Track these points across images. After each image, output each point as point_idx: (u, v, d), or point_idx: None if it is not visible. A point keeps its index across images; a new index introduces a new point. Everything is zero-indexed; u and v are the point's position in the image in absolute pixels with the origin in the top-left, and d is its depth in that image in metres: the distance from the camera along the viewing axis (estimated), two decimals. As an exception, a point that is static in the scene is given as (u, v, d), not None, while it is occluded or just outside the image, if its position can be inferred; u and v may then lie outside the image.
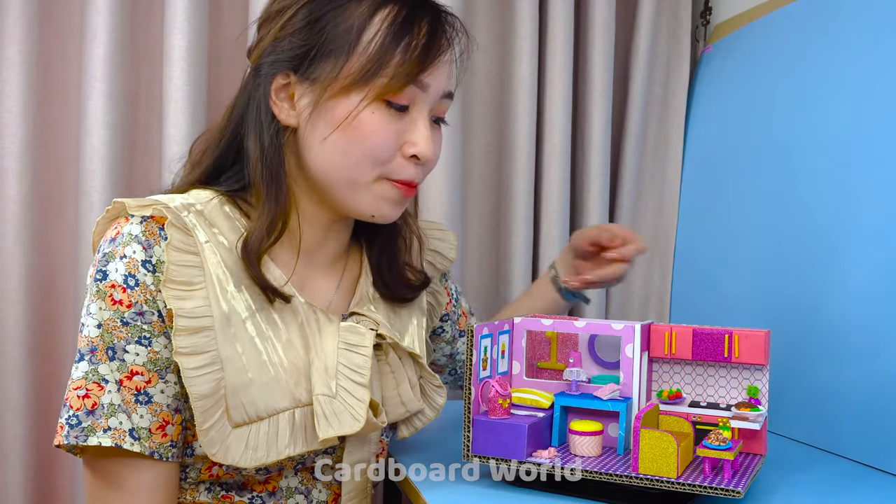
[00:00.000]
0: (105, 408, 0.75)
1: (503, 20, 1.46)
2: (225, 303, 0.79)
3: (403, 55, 0.80)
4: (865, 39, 1.05)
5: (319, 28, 0.81)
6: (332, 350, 0.83)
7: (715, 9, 1.51)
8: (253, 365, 0.79)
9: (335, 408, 0.80)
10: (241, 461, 0.77)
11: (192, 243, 0.78)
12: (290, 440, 0.80)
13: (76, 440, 0.74)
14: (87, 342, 0.76)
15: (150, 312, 0.76)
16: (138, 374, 0.76)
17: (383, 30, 0.80)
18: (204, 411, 0.75)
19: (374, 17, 0.80)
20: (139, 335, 0.76)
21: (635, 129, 1.49)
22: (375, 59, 0.79)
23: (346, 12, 0.81)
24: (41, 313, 1.26)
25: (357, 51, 0.79)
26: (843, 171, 1.06)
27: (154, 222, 0.78)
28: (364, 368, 0.82)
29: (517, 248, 1.42)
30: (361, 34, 0.80)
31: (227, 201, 0.84)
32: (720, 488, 0.72)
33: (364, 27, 0.80)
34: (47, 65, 1.26)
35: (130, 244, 0.76)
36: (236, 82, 1.34)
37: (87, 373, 0.75)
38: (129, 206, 0.78)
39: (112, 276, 0.76)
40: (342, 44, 0.80)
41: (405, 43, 0.80)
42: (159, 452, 0.76)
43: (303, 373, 0.82)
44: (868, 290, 0.99)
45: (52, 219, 1.28)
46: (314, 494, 0.88)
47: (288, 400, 0.80)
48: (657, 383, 0.90)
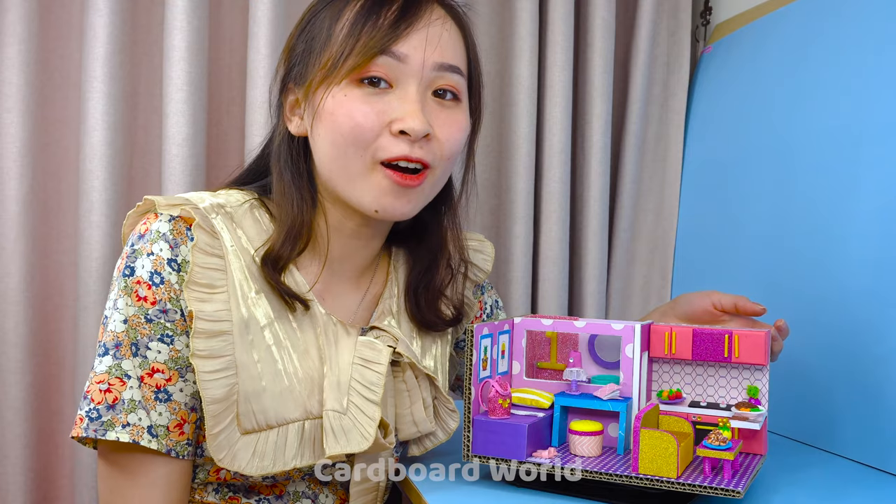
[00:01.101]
0: (126, 403, 0.75)
1: (503, 20, 1.46)
2: (245, 308, 0.79)
3: (370, 32, 0.80)
4: (865, 39, 1.05)
5: (305, 36, 0.84)
6: (347, 364, 0.82)
7: (715, 9, 1.51)
8: (268, 373, 0.79)
9: (344, 424, 0.80)
10: (248, 468, 0.77)
11: (217, 246, 0.79)
12: (298, 452, 0.80)
13: (95, 433, 0.75)
14: (112, 336, 0.77)
15: (174, 311, 0.77)
16: (159, 372, 0.77)
17: (351, 17, 0.81)
18: (215, 415, 0.76)
19: (344, 10, 0.82)
20: (162, 332, 0.77)
21: (635, 129, 1.49)
22: (343, 43, 0.80)
23: (323, 13, 0.84)
24: (41, 313, 1.26)
25: (330, 43, 0.81)
26: (842, 170, 1.06)
27: (182, 222, 0.79)
28: (377, 386, 0.81)
29: (517, 248, 1.42)
30: (333, 28, 0.82)
31: (258, 205, 0.85)
32: (720, 488, 0.72)
33: (336, 20, 0.82)
34: (47, 65, 1.26)
35: (158, 241, 0.77)
36: (236, 82, 1.36)
37: (110, 367, 0.76)
38: (158, 203, 0.79)
39: (139, 273, 0.77)
40: (319, 42, 0.82)
41: (371, 22, 0.80)
42: (175, 450, 0.77)
43: (317, 384, 0.82)
44: (868, 290, 0.99)
45: (52, 219, 1.28)
46: (321, 499, 0.88)
47: (299, 411, 0.80)
48: (657, 383, 0.90)
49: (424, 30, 0.81)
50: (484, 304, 1.05)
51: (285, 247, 0.82)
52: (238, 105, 1.35)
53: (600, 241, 1.46)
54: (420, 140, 0.81)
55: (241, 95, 1.34)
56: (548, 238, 1.44)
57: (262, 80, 1.26)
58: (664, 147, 1.51)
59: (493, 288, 1.09)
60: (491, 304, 1.06)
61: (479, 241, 1.03)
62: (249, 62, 1.28)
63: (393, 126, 0.80)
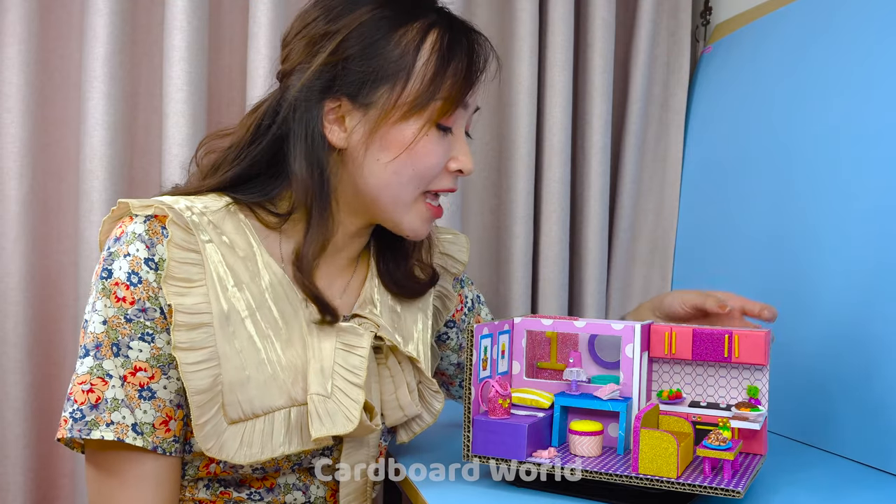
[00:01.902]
0: (108, 402, 0.75)
1: (503, 20, 1.46)
2: (225, 301, 0.80)
3: (453, 78, 0.83)
4: (865, 39, 1.05)
5: (373, 54, 0.82)
6: (330, 350, 0.83)
7: (715, 9, 1.51)
8: (251, 363, 0.80)
9: (329, 408, 0.80)
10: (236, 457, 0.78)
11: (192, 241, 0.79)
12: (286, 438, 0.80)
13: (79, 433, 0.75)
14: (92, 338, 0.77)
15: (153, 309, 0.77)
16: (141, 370, 0.77)
17: (434, 54, 0.83)
18: (200, 406, 0.76)
19: (425, 43, 0.83)
20: (142, 331, 0.77)
21: (635, 129, 1.49)
22: (430, 84, 0.82)
23: (398, 38, 0.83)
24: (41, 313, 1.26)
25: (412, 77, 0.82)
26: (842, 170, 1.06)
27: (157, 221, 0.79)
28: (360, 369, 0.82)
29: (517, 248, 1.42)
30: (416, 61, 0.82)
31: (240, 209, 0.85)
32: (720, 488, 0.72)
33: (417, 53, 0.83)
34: (47, 65, 1.26)
35: (134, 242, 0.77)
36: (236, 82, 1.36)
37: (91, 368, 0.76)
38: (132, 206, 0.80)
39: (116, 274, 0.77)
40: (397, 70, 0.82)
41: (453, 66, 0.83)
42: (162, 447, 0.77)
43: (300, 372, 0.82)
44: (869, 289, 0.99)
45: (52, 219, 1.28)
46: (312, 490, 0.88)
47: (284, 398, 0.81)
48: (657, 383, 0.90)
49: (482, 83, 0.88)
50: (465, 298, 1.06)
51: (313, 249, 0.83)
52: (238, 105, 1.35)
53: (600, 241, 1.46)
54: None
55: (241, 96, 1.35)
56: (548, 238, 1.44)
57: (262, 81, 1.26)
58: (664, 147, 1.51)
59: (473, 283, 1.11)
60: (472, 299, 1.08)
61: (453, 234, 1.05)
62: (249, 62, 1.28)
63: (451, 165, 0.87)
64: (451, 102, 0.83)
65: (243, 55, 1.33)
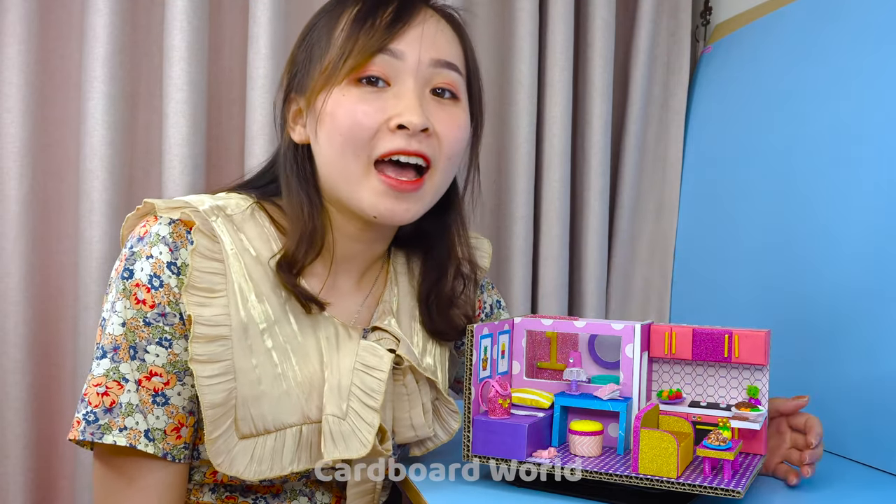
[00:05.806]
0: (123, 407, 0.75)
1: (503, 20, 1.46)
2: (244, 312, 0.79)
3: (368, 33, 0.81)
4: (865, 39, 1.05)
5: (305, 46, 0.86)
6: (348, 369, 0.82)
7: (715, 9, 1.51)
8: (266, 377, 0.79)
9: (343, 430, 0.80)
10: (245, 473, 0.77)
11: (217, 250, 0.79)
12: (295, 456, 0.80)
13: (92, 437, 0.75)
14: (109, 339, 0.77)
15: (173, 314, 0.77)
16: (157, 376, 0.76)
17: (348, 22, 0.83)
18: (214, 420, 0.76)
19: (341, 17, 0.84)
20: (160, 336, 0.76)
21: (635, 129, 1.49)
22: (341, 46, 0.81)
23: (321, 23, 0.86)
24: (41, 313, 1.26)
25: (329, 49, 0.83)
26: (842, 170, 1.06)
27: (182, 225, 0.79)
28: (377, 393, 0.81)
29: (517, 248, 1.42)
30: (331, 34, 0.83)
31: (259, 209, 0.86)
32: (720, 488, 0.72)
33: (333, 27, 0.84)
34: (47, 65, 1.26)
35: (157, 245, 0.77)
36: (236, 82, 1.35)
37: (108, 370, 0.76)
38: (158, 206, 0.79)
39: (137, 275, 0.77)
40: (318, 49, 0.84)
41: (368, 24, 0.81)
42: (172, 454, 0.77)
43: (316, 388, 0.82)
44: (868, 290, 0.99)
45: (52, 219, 1.28)
46: (318, 497, 0.88)
47: (297, 416, 0.80)
48: (657, 383, 0.90)
49: (419, 27, 0.82)
50: (483, 304, 1.05)
51: (299, 251, 0.82)
52: (238, 105, 1.35)
53: (600, 241, 1.46)
54: (419, 135, 0.81)
55: (241, 96, 1.34)
56: (548, 238, 1.44)
57: (261, 81, 1.26)
58: (664, 147, 1.51)
59: (495, 288, 1.09)
60: (491, 304, 1.06)
61: (475, 239, 1.03)
62: (249, 62, 1.28)
63: (391, 122, 0.80)
64: (363, 53, 0.80)
65: (243, 55, 1.33)
